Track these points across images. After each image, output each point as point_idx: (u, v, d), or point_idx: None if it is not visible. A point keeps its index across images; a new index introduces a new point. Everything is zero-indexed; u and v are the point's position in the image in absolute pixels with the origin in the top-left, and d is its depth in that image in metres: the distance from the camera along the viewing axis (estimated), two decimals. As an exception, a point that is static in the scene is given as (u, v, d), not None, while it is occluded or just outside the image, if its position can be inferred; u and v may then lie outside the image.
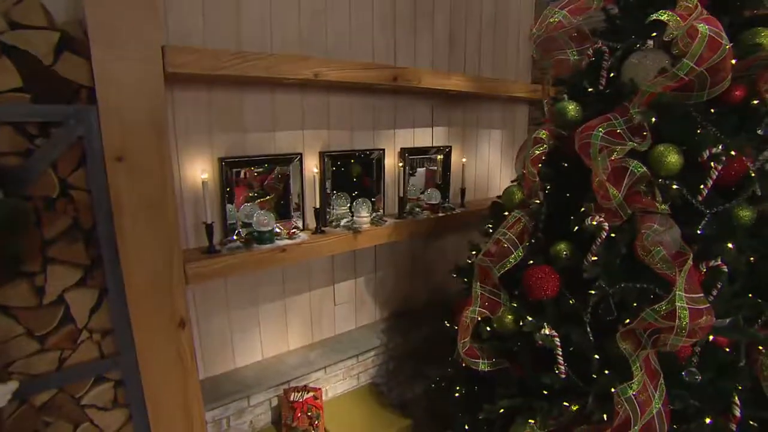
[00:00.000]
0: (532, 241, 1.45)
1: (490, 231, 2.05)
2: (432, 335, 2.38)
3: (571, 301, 1.32)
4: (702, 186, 1.20)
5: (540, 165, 1.44)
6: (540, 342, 1.26)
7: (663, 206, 1.18)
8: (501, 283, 1.43)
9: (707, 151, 1.16)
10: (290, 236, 1.76)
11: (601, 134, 1.21)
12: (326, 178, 1.93)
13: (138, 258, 1.33)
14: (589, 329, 1.26)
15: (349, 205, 2.10)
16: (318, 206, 1.85)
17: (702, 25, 1.07)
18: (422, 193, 2.34)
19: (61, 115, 1.20)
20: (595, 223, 1.20)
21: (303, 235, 1.80)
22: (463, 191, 2.45)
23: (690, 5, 1.14)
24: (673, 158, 1.19)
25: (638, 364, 1.13)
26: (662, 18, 1.11)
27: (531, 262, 1.39)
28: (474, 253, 1.70)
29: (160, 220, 1.36)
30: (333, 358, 2.01)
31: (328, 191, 1.96)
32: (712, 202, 1.21)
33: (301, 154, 1.83)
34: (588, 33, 1.45)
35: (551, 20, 1.36)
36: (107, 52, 1.21)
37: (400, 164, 2.13)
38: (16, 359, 1.27)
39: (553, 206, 1.45)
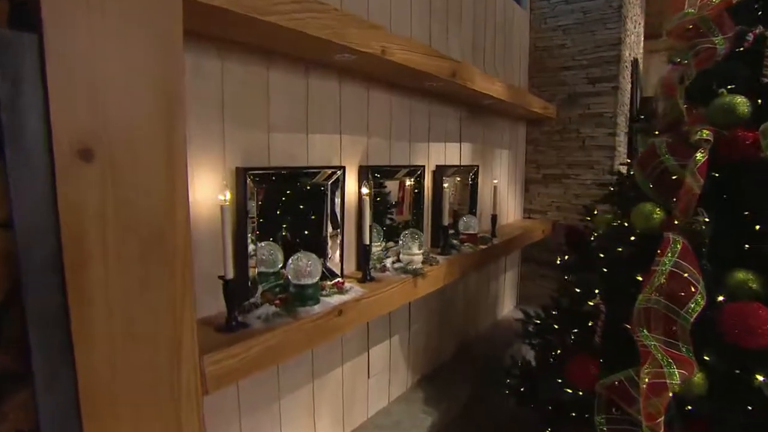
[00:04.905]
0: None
1: (558, 263, 1.71)
2: (475, 398, 1.89)
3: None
4: None
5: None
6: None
7: None
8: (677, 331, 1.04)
9: None
10: (339, 289, 1.16)
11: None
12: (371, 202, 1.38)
13: (113, 354, 0.65)
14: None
15: (382, 239, 1.57)
16: (367, 242, 1.28)
17: None
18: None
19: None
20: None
21: (354, 287, 1.20)
22: (494, 218, 2.07)
23: None
24: None
25: None
26: None
27: (721, 298, 1.03)
28: (596, 292, 1.29)
29: (162, 275, 0.69)
30: (382, 459, 1.39)
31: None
32: None
33: (343, 168, 1.27)
34: (729, 18, 1.21)
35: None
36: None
37: (445, 185, 1.67)
38: None
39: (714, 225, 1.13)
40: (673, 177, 1.21)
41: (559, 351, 1.49)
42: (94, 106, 0.60)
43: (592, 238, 1.55)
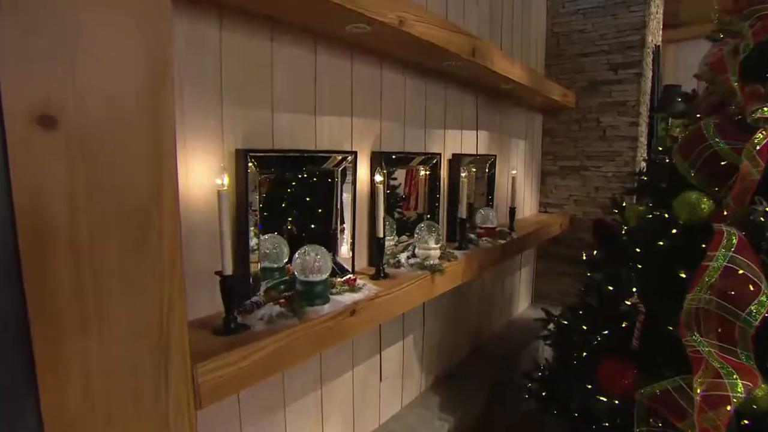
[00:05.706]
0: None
1: (584, 259, 1.59)
2: (492, 401, 1.78)
3: None
4: None
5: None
6: None
7: None
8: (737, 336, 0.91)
9: None
10: (350, 286, 1.05)
11: None
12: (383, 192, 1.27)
13: (86, 365, 0.54)
14: None
15: (394, 233, 1.45)
16: (381, 235, 1.17)
17: None
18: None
19: None
20: None
21: (367, 284, 1.09)
22: (512, 211, 1.95)
23: None
24: None
25: None
26: None
27: (788, 302, 0.91)
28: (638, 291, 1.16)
29: (146, 270, 0.58)
30: (396, 472, 1.29)
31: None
32: None
33: (355, 154, 1.15)
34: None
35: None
36: None
37: (463, 175, 1.55)
38: None
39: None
40: (722, 162, 1.09)
41: (585, 354, 1.38)
42: (59, 64, 0.49)
43: (623, 232, 1.43)
